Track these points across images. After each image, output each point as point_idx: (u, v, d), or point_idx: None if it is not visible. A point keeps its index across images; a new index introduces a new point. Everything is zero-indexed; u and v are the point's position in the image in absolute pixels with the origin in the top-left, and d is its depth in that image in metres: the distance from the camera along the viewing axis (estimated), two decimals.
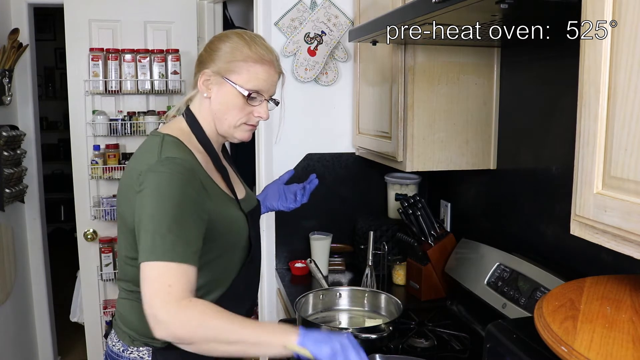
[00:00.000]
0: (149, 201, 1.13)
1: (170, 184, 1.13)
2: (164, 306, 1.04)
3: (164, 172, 1.15)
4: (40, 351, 3.38)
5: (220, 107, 1.30)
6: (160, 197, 1.12)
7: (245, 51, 1.28)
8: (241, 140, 1.36)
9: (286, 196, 1.64)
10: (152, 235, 1.09)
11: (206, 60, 1.32)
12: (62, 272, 4.14)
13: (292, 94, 2.26)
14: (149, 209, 1.12)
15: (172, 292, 1.05)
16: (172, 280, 1.06)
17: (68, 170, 3.26)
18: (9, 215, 2.98)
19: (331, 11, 2.24)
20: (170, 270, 1.07)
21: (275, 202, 1.64)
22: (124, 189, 1.25)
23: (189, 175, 1.17)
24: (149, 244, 1.09)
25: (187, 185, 1.15)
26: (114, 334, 1.32)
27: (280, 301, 2.22)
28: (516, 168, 1.70)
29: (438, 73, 1.72)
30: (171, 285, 1.06)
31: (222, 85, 1.29)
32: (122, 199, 1.26)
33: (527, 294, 1.43)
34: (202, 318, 1.06)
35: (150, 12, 3.03)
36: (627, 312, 0.82)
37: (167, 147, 1.22)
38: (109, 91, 2.98)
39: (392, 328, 1.46)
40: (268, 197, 1.65)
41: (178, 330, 1.05)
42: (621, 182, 0.76)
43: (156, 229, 1.10)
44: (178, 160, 1.18)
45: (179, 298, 1.05)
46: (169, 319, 1.04)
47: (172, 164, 1.17)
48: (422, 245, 1.91)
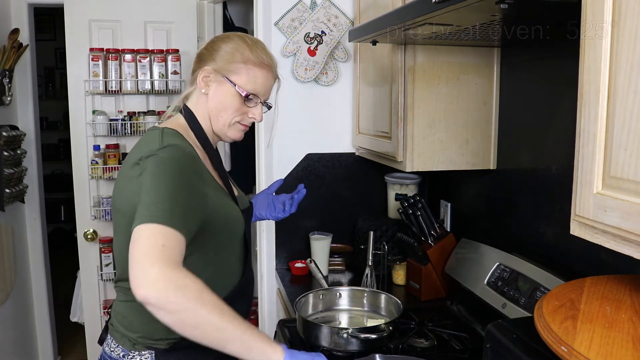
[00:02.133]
0: (149, 179, 1.10)
1: (172, 165, 1.13)
2: (157, 263, 0.95)
3: (165, 155, 1.14)
4: (40, 351, 3.39)
5: (217, 105, 1.32)
6: (160, 174, 1.11)
7: (246, 54, 1.31)
8: (233, 139, 1.38)
9: (274, 206, 1.65)
10: (148, 205, 1.04)
11: (207, 58, 1.33)
12: (62, 272, 4.14)
13: (292, 94, 2.26)
14: (148, 185, 1.09)
15: (166, 252, 0.97)
16: (166, 242, 0.98)
17: (68, 170, 3.26)
18: (9, 215, 2.98)
19: (331, 11, 2.24)
20: (165, 233, 0.99)
21: (264, 211, 1.66)
22: (122, 181, 1.24)
23: (190, 161, 1.18)
24: (144, 212, 1.03)
25: (188, 168, 1.15)
26: (111, 340, 1.28)
27: (280, 301, 2.22)
28: (516, 168, 1.70)
29: (438, 73, 1.72)
30: (165, 245, 0.98)
31: (221, 83, 1.31)
32: (119, 192, 1.24)
33: (527, 294, 1.43)
34: (198, 289, 0.98)
35: (150, 12, 3.03)
36: (627, 312, 0.82)
37: (167, 137, 1.22)
38: (109, 91, 2.98)
39: (392, 328, 1.46)
40: (257, 206, 1.66)
41: (170, 291, 0.94)
42: (621, 182, 0.76)
43: (152, 200, 1.05)
44: (180, 147, 1.19)
45: (174, 261, 0.97)
46: (160, 277, 0.94)
47: (174, 149, 1.17)
48: (422, 245, 1.91)
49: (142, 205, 1.06)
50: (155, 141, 1.20)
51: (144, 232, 1.00)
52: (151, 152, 1.16)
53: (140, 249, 0.98)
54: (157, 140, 1.20)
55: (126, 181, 1.21)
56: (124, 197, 1.21)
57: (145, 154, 1.16)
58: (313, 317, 1.64)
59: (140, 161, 1.16)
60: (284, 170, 2.28)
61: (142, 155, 1.17)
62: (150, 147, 1.18)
